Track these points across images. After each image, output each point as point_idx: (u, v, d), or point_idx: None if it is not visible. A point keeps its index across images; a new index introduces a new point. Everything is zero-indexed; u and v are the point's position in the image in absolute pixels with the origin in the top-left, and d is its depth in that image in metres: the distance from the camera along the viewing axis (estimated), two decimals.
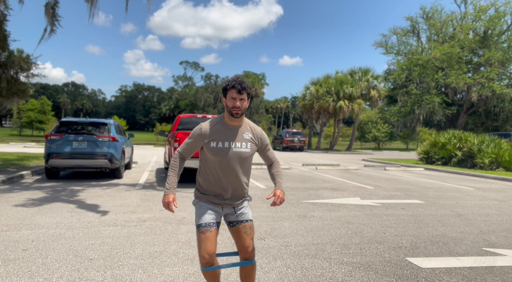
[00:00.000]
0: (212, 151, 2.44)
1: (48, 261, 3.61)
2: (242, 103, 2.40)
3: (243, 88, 2.38)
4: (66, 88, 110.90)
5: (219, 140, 2.44)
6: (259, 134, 2.59)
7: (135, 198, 7.18)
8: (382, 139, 49.39)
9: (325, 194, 8.30)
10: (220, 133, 2.46)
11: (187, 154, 2.57)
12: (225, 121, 2.51)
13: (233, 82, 2.40)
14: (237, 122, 2.49)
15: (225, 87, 2.43)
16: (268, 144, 2.68)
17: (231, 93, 2.39)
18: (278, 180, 2.65)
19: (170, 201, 2.47)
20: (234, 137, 2.47)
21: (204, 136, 2.47)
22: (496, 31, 35.84)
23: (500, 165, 15.32)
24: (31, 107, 51.05)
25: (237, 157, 2.46)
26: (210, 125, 2.50)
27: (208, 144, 2.45)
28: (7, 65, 12.49)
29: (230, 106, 2.40)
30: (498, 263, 3.93)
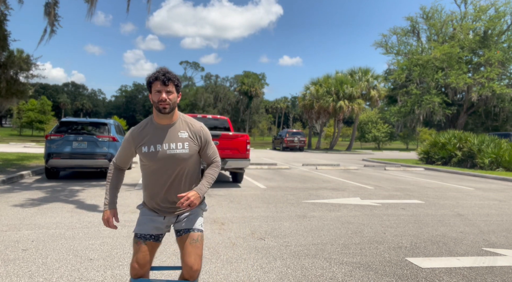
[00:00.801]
0: (145, 157, 2.18)
1: (48, 261, 3.61)
2: (169, 96, 2.11)
3: (168, 78, 2.10)
4: (66, 88, 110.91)
5: (150, 144, 2.18)
6: (198, 130, 2.27)
7: (135, 198, 7.18)
8: (382, 139, 49.40)
9: (325, 194, 8.29)
10: (150, 135, 2.20)
11: (122, 163, 2.33)
12: (155, 121, 2.22)
13: (156, 73, 2.12)
14: (168, 120, 2.20)
15: (149, 81, 2.14)
16: (210, 141, 2.34)
17: (156, 86, 2.11)
18: (203, 182, 2.27)
19: (109, 216, 2.27)
20: (168, 138, 2.19)
21: (133, 141, 2.22)
22: (496, 31, 35.84)
23: (500, 165, 15.33)
24: (31, 107, 51.07)
25: (173, 160, 2.17)
26: (139, 128, 2.24)
27: (140, 150, 2.20)
28: (7, 65, 12.49)
29: (156, 100, 2.11)
30: (498, 263, 3.93)
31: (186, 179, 2.26)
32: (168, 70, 2.14)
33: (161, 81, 2.10)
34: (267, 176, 11.65)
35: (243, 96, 74.57)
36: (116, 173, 2.34)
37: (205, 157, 2.35)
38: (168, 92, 2.11)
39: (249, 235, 4.76)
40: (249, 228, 5.11)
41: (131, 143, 2.23)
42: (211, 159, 2.37)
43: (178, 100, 2.19)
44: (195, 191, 2.19)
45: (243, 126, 73.81)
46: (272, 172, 13.19)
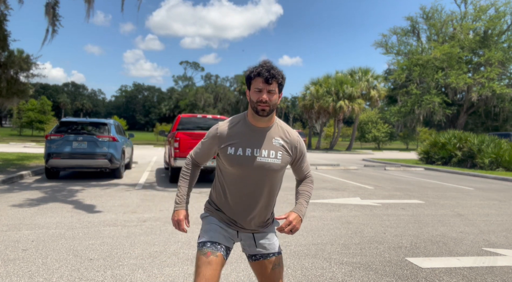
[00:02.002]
0: (229, 160, 1.87)
1: (48, 261, 3.61)
2: (270, 97, 1.81)
3: (273, 76, 1.78)
4: (66, 88, 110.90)
5: (239, 146, 1.87)
6: (295, 140, 1.97)
7: (135, 198, 7.18)
8: (382, 139, 49.42)
9: (325, 194, 8.29)
10: (241, 136, 1.89)
11: (201, 159, 2.06)
12: (248, 121, 1.92)
13: (259, 68, 1.81)
14: (265, 123, 1.90)
15: (249, 76, 1.85)
16: (305, 154, 2.04)
17: (256, 83, 1.81)
18: (301, 201, 1.99)
19: (180, 218, 1.99)
20: (260, 143, 1.88)
21: (220, 138, 1.92)
22: (496, 31, 35.85)
23: (500, 165, 15.33)
24: (31, 107, 51.08)
25: (262, 169, 1.87)
26: (229, 125, 1.94)
27: (225, 150, 1.89)
28: (7, 65, 12.50)
29: (255, 100, 1.81)
30: (498, 263, 3.93)
31: (269, 193, 1.94)
32: (273, 66, 1.82)
33: (264, 79, 1.78)
34: None
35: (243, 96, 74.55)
36: (193, 169, 2.07)
37: (298, 171, 2.06)
38: (270, 92, 1.80)
39: None
40: None
41: (216, 140, 1.92)
42: (304, 174, 2.08)
43: (279, 101, 1.88)
44: (296, 213, 1.89)
45: None
46: None
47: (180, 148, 8.81)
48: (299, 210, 1.94)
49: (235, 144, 1.87)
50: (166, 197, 7.39)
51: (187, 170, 2.06)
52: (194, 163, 2.08)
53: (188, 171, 2.06)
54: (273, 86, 1.81)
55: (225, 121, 1.97)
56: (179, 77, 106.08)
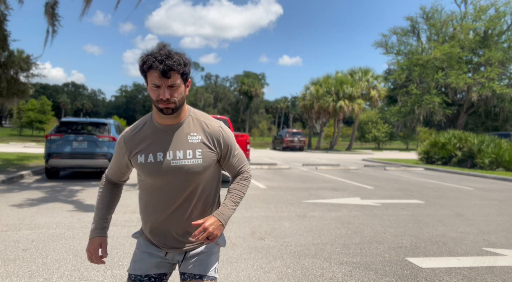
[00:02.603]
0: (141, 169, 1.59)
1: (48, 261, 3.61)
2: (173, 93, 1.48)
3: (170, 68, 1.43)
4: (66, 88, 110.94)
5: (149, 151, 1.57)
6: (216, 132, 1.63)
7: (135, 198, 7.18)
8: (382, 139, 49.42)
9: (325, 194, 8.29)
10: (149, 139, 1.59)
11: (115, 175, 1.74)
12: (155, 121, 1.61)
13: (151, 57, 1.45)
14: (174, 119, 1.58)
15: (141, 67, 1.49)
16: (234, 146, 1.70)
17: (152, 78, 1.46)
18: (225, 202, 1.65)
19: (95, 247, 1.66)
20: (172, 143, 1.58)
21: (126, 146, 1.62)
22: (496, 31, 35.85)
23: (500, 165, 15.33)
24: (31, 107, 51.07)
25: (180, 174, 1.56)
26: (134, 129, 1.64)
27: (135, 159, 1.60)
28: (7, 65, 12.50)
29: (154, 98, 1.49)
30: (498, 263, 3.93)
31: (199, 201, 1.64)
32: (170, 52, 1.46)
33: (159, 72, 1.43)
34: (267, 176, 11.65)
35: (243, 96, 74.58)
36: (108, 189, 1.75)
37: (229, 167, 1.74)
38: (172, 87, 1.47)
39: (249, 235, 4.76)
40: (249, 228, 5.11)
41: (123, 149, 1.63)
42: (237, 169, 1.74)
43: (187, 91, 1.57)
44: (215, 217, 1.58)
45: (243, 126, 73.84)
46: (272, 172, 13.19)
47: None
48: (221, 213, 1.60)
49: (144, 150, 1.58)
50: None
51: (101, 190, 1.76)
52: (108, 180, 1.77)
53: (102, 191, 1.75)
54: (173, 79, 1.46)
55: (130, 126, 1.68)
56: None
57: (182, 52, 1.52)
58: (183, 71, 1.49)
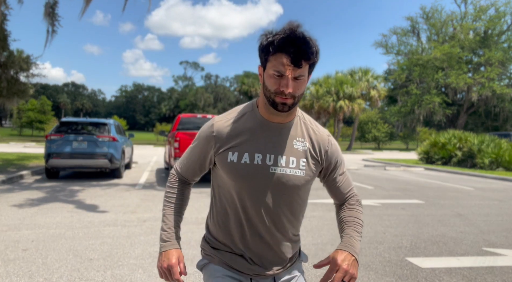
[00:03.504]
0: (230, 170, 1.27)
1: (48, 261, 3.61)
2: (297, 86, 1.18)
3: (305, 54, 1.13)
4: (66, 88, 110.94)
5: (245, 150, 1.27)
6: (324, 141, 1.35)
7: (135, 198, 7.18)
8: (382, 139, 49.45)
9: (325, 194, 8.29)
10: (247, 135, 1.28)
11: (190, 173, 1.43)
12: (259, 114, 1.30)
13: (283, 37, 1.13)
14: (283, 117, 1.28)
15: (266, 47, 1.17)
16: (342, 163, 1.42)
17: (277, 63, 1.15)
18: (349, 233, 1.31)
19: (172, 263, 1.29)
20: (275, 146, 1.28)
21: (216, 139, 1.30)
22: (496, 31, 35.86)
23: (500, 165, 15.33)
24: (31, 107, 51.08)
25: (278, 185, 1.28)
26: (231, 119, 1.32)
27: (223, 157, 1.29)
28: (7, 65, 12.51)
29: (272, 89, 1.18)
30: (498, 263, 3.93)
31: (291, 216, 1.34)
32: (306, 38, 1.13)
33: (290, 58, 1.13)
34: None
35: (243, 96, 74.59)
36: (181, 189, 1.44)
37: (333, 187, 1.42)
38: (298, 79, 1.17)
39: None
40: None
41: (212, 142, 1.31)
42: (345, 192, 1.44)
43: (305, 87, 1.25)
44: (346, 252, 1.23)
45: None
46: None
47: (180, 148, 8.82)
48: (350, 245, 1.25)
49: (239, 148, 1.27)
50: None
51: (172, 191, 1.42)
52: (181, 179, 1.45)
53: (173, 192, 1.42)
54: (303, 70, 1.16)
55: (224, 114, 1.36)
56: (179, 77, 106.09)
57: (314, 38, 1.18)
58: (314, 62, 1.20)
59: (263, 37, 1.19)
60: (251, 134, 1.28)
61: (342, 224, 1.37)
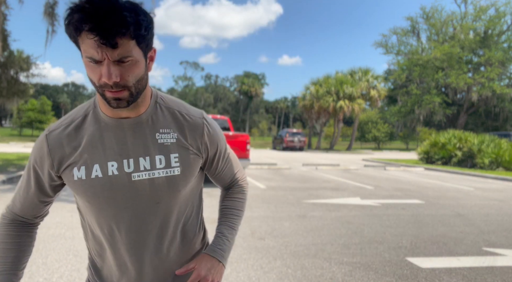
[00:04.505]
0: (81, 189, 0.99)
1: (48, 261, 3.61)
2: (125, 72, 0.87)
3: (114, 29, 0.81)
4: (66, 88, 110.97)
5: (93, 161, 0.99)
6: (198, 127, 1.07)
7: None
8: (382, 139, 49.45)
9: (325, 194, 8.30)
10: (92, 142, 0.99)
11: (29, 209, 1.08)
12: (101, 113, 1.01)
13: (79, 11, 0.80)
14: (131, 110, 0.98)
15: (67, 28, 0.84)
16: (224, 146, 1.16)
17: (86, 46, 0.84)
18: (222, 231, 1.17)
19: None
20: (134, 147, 1.00)
21: (52, 156, 1.00)
22: (496, 31, 35.87)
23: (500, 165, 15.33)
24: (31, 107, 51.09)
25: (147, 193, 1.01)
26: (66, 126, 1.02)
27: (69, 174, 1.00)
28: (7, 65, 12.52)
29: (95, 80, 0.88)
30: (498, 263, 3.93)
31: (177, 230, 1.09)
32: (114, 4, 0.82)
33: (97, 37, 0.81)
34: (267, 176, 11.65)
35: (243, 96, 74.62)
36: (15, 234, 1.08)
37: (217, 176, 1.20)
38: (122, 63, 0.86)
39: (249, 235, 4.76)
40: (249, 228, 5.10)
41: (47, 159, 1.01)
42: (229, 179, 1.23)
43: (151, 67, 1.00)
44: (212, 256, 1.10)
45: (243, 126, 73.90)
46: (272, 172, 13.19)
47: None
48: (217, 248, 1.12)
49: (85, 160, 0.98)
50: None
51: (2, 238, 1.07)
52: (15, 219, 1.09)
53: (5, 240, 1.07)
54: (124, 50, 0.85)
55: (59, 121, 1.04)
56: (179, 77, 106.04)
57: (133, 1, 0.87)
58: (140, 34, 0.86)
59: (65, 12, 0.83)
60: (97, 140, 0.99)
61: (219, 216, 1.22)
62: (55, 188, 1.06)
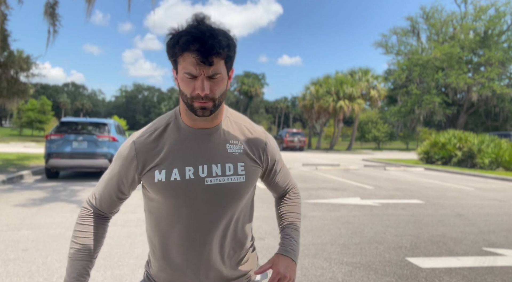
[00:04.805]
0: (160, 191, 1.13)
1: (48, 261, 3.61)
2: (214, 86, 1.05)
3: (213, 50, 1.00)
4: (66, 88, 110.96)
5: (173, 166, 1.13)
6: (261, 140, 1.24)
7: (135, 198, 7.14)
8: (382, 139, 49.47)
9: (325, 194, 8.30)
10: (173, 149, 1.14)
11: (107, 205, 1.25)
12: (182, 122, 1.17)
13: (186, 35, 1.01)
14: (209, 122, 1.15)
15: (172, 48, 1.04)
16: (280, 158, 1.33)
17: (186, 64, 1.03)
18: (288, 233, 1.30)
19: None
20: (207, 154, 1.15)
21: (139, 159, 1.14)
22: (496, 31, 35.87)
23: (500, 165, 15.34)
24: (31, 107, 51.09)
25: (217, 197, 1.14)
26: (151, 133, 1.17)
27: (150, 177, 1.14)
28: (7, 65, 12.51)
29: (188, 93, 1.05)
30: (498, 263, 3.93)
31: (236, 233, 1.23)
32: (213, 28, 1.03)
33: (198, 56, 1.00)
34: None
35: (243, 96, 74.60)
36: (96, 225, 1.24)
37: (274, 185, 1.36)
38: (214, 78, 1.04)
39: None
40: None
41: (134, 162, 1.15)
42: (283, 187, 1.38)
43: (229, 84, 1.15)
44: (288, 257, 1.22)
45: None
46: None
47: None
48: (291, 249, 1.24)
49: (166, 164, 1.13)
50: None
51: (83, 229, 1.21)
52: (97, 212, 1.26)
53: (85, 231, 1.21)
54: (216, 67, 1.03)
55: (144, 129, 1.20)
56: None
57: (227, 28, 1.08)
58: (229, 56, 1.06)
59: (168, 37, 1.05)
60: (177, 147, 1.14)
61: (281, 221, 1.35)
62: (132, 188, 1.23)
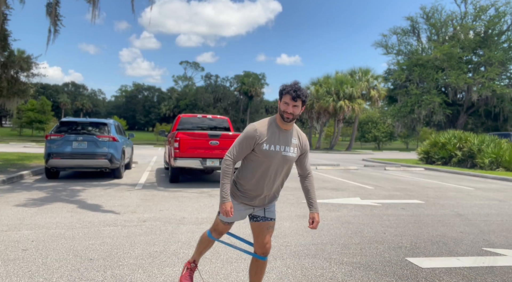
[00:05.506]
0: (264, 153, 2.48)
1: (48, 261, 3.61)
2: (294, 110, 2.45)
3: (298, 96, 2.42)
4: (66, 88, 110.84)
5: (271, 143, 2.50)
6: (304, 141, 2.68)
7: (135, 198, 7.18)
8: (382, 139, 49.46)
9: (325, 194, 8.29)
10: (273, 135, 2.51)
11: (239, 157, 2.57)
12: (277, 124, 2.56)
13: (289, 87, 2.45)
14: (289, 127, 2.55)
15: (281, 91, 2.49)
16: (308, 153, 2.74)
17: (286, 98, 2.45)
18: (313, 198, 2.67)
19: (228, 209, 2.54)
20: (285, 141, 2.54)
21: (258, 137, 2.49)
22: (496, 31, 35.86)
23: (500, 165, 15.33)
24: (31, 107, 51.10)
25: (284, 161, 2.54)
26: (264, 126, 2.53)
27: (261, 146, 2.48)
28: (7, 65, 12.50)
29: (282, 109, 2.47)
30: (498, 263, 3.93)
31: (285, 177, 2.67)
32: (300, 87, 2.45)
33: (291, 96, 2.42)
34: None
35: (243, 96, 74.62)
36: (233, 168, 2.56)
37: (302, 165, 2.71)
38: (295, 107, 2.45)
39: (249, 235, 4.75)
40: (249, 228, 5.10)
41: (255, 138, 2.49)
42: (307, 168, 2.72)
43: (301, 111, 2.52)
44: (318, 213, 2.66)
45: (243, 126, 73.89)
46: None
47: (180, 148, 8.80)
48: (317, 208, 2.68)
49: (268, 142, 2.50)
50: (166, 197, 7.39)
51: (229, 168, 2.53)
52: (234, 161, 2.55)
53: (230, 170, 2.54)
54: (297, 103, 2.45)
55: (259, 123, 2.57)
56: (179, 77, 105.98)
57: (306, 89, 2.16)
58: (304, 100, 2.49)
59: (281, 86, 2.51)
60: (274, 135, 2.54)
61: (307, 193, 2.72)
62: (251, 150, 2.55)
